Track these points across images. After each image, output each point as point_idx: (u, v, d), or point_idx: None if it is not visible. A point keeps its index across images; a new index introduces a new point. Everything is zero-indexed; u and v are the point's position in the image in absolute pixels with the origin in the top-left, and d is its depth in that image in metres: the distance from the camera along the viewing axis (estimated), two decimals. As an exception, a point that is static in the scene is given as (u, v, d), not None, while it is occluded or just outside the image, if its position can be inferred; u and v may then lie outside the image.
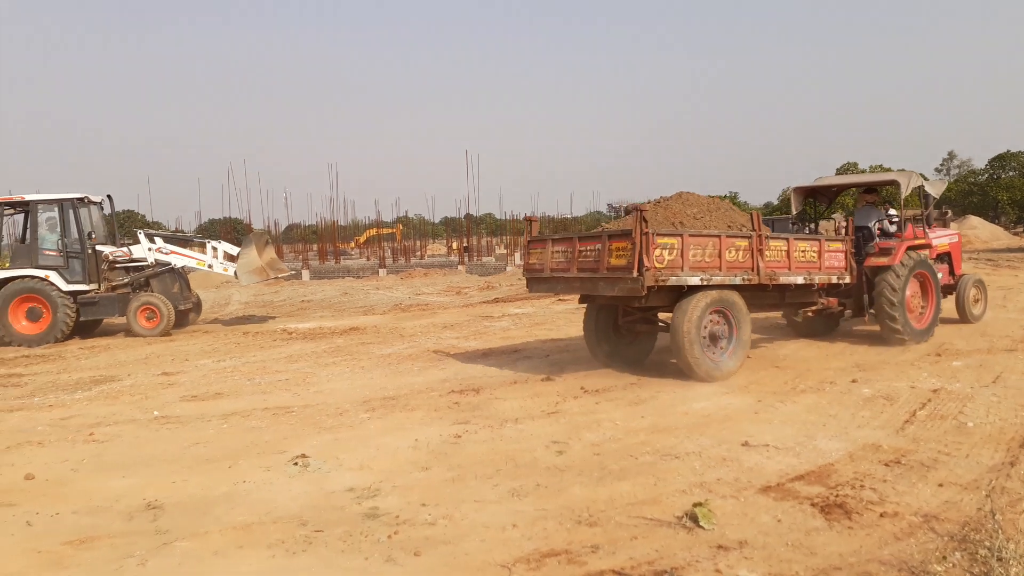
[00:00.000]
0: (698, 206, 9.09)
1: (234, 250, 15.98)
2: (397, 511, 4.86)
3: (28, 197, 14.85)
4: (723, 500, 4.85)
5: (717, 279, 8.37)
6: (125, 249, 15.57)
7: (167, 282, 15.61)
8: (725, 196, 62.90)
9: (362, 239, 49.94)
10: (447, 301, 20.30)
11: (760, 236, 8.68)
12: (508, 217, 50.59)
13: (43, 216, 14.87)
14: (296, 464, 5.85)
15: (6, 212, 15.10)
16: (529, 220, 9.73)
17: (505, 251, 42.55)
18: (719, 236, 8.37)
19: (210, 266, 15.72)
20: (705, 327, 8.42)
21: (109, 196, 16.03)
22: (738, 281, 8.53)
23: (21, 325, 14.38)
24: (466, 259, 36.73)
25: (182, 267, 15.88)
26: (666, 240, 8.01)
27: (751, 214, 9.08)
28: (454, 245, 45.20)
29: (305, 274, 30.70)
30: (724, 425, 6.67)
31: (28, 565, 4.25)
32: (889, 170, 45.79)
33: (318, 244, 38.28)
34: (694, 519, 4.48)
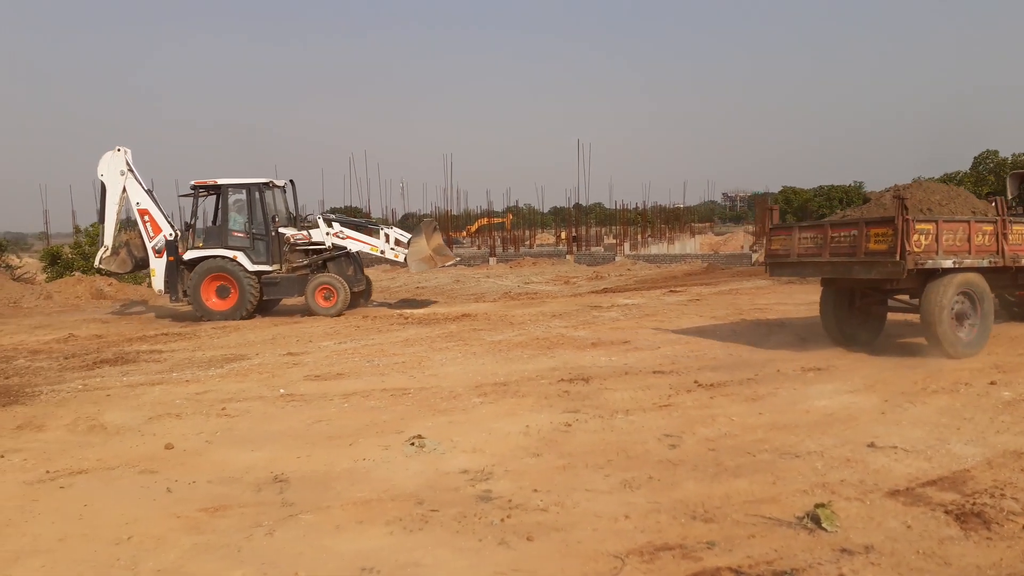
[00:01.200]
0: (940, 193, 9.63)
1: (405, 237, 16.69)
2: (509, 495, 4.91)
3: (220, 181, 15.74)
4: (847, 502, 4.63)
5: (967, 262, 8.92)
6: (305, 232, 16.26)
7: (342, 265, 16.40)
8: (850, 185, 59.92)
9: (473, 228, 50.70)
10: (555, 290, 20.33)
11: (1005, 221, 9.15)
12: (618, 207, 50.02)
13: (232, 199, 15.82)
14: (413, 444, 6.00)
15: (200, 194, 16.04)
16: (770, 209, 10.24)
17: (614, 240, 42.13)
18: (968, 222, 8.93)
19: (383, 252, 16.48)
20: (953, 307, 8.98)
21: (291, 181, 16.65)
22: (985, 264, 9.06)
23: (211, 301, 15.65)
24: (574, 248, 36.62)
25: (357, 251, 16.71)
26: (923, 226, 8.62)
27: (995, 200, 9.48)
28: (562, 235, 45.21)
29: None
30: (848, 425, 6.37)
31: (170, 528, 4.56)
32: None
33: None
34: (816, 520, 4.30)
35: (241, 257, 15.63)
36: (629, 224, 45.01)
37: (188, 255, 15.71)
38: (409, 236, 16.48)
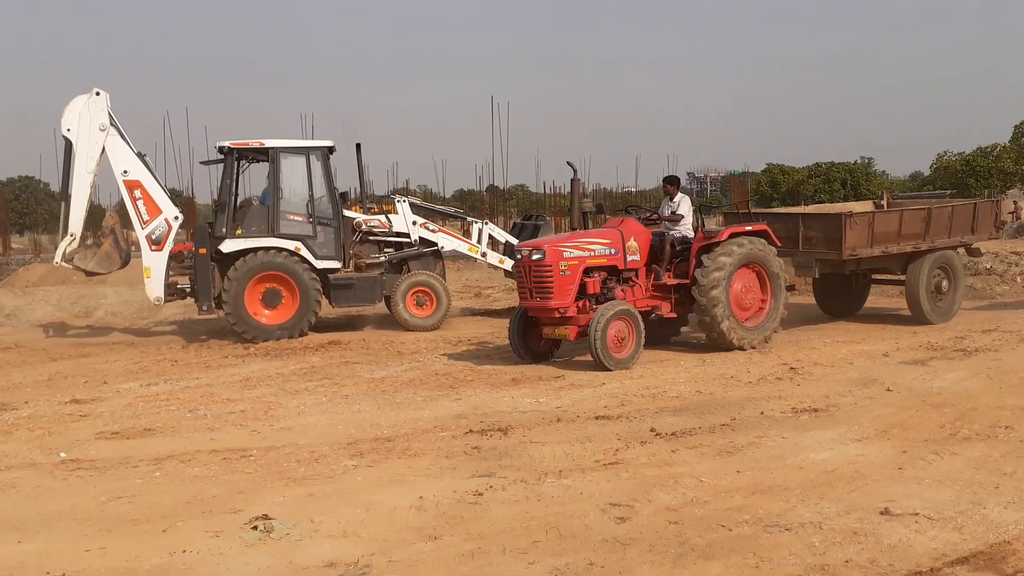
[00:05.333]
0: None
1: (502, 235, 17.12)
2: (395, 596, 4.87)
3: (268, 143, 15.58)
4: (854, 590, 4.79)
5: None
6: (383, 218, 16.27)
7: (429, 266, 16.38)
8: (856, 163, 62.39)
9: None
10: (462, 306, 20.33)
11: None
12: (548, 191, 50.32)
13: (287, 168, 15.69)
14: (256, 528, 5.89)
15: (234, 161, 15.74)
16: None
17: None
18: None
19: (484, 255, 16.82)
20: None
21: (358, 145, 16.53)
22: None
23: (262, 314, 15.12)
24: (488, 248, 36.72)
25: (451, 250, 16.95)
26: None
27: None
28: (474, 228, 45.18)
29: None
30: (855, 484, 6.59)
31: None
32: None
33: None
34: (813, 616, 4.43)
35: (303, 250, 15.35)
36: (564, 213, 45.47)
37: (227, 247, 15.26)
38: (506, 236, 17.23)
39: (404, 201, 16.69)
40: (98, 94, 15.45)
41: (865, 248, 14.11)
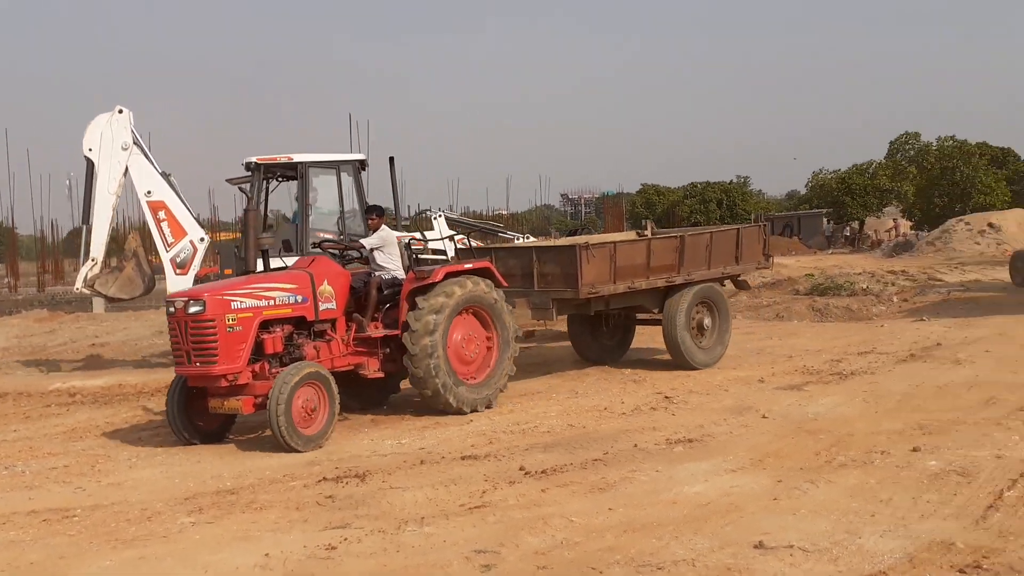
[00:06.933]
0: None
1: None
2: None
3: (297, 158, 15.29)
4: (728, 631, 4.88)
5: None
6: (417, 235, 15.96)
7: None
8: (732, 182, 64.48)
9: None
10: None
11: None
12: (410, 213, 50.32)
13: (317, 185, 15.47)
14: (78, 598, 5.68)
15: (262, 178, 15.44)
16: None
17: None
18: None
19: None
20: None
21: (391, 159, 16.40)
22: None
23: None
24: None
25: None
26: None
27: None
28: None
29: (99, 304, 29.89)
30: (729, 518, 6.74)
31: None
32: None
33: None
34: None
35: None
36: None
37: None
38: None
39: (440, 216, 16.85)
40: (120, 112, 15.51)
41: (607, 284, 12.97)
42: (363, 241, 12.08)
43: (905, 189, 57.71)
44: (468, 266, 11.76)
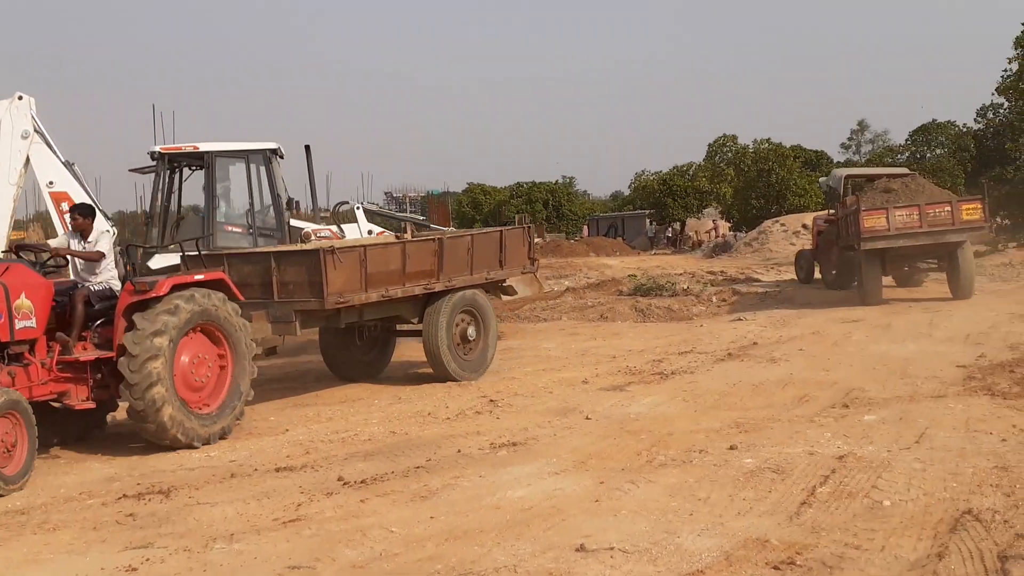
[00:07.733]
0: None
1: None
2: None
3: (203, 147, 15.13)
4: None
5: None
6: (335, 229, 15.85)
7: None
8: (557, 182, 65.62)
9: None
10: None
11: None
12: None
13: (224, 175, 15.30)
14: None
15: (167, 169, 15.16)
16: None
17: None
18: None
19: None
20: None
21: (307, 147, 16.20)
22: None
23: None
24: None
25: None
26: None
27: None
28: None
29: None
30: (551, 521, 6.82)
31: None
32: None
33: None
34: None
35: None
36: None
37: (155, 262, 14.12)
38: None
39: (360, 207, 16.58)
40: (20, 98, 14.59)
41: (358, 293, 12.03)
42: (72, 244, 10.39)
43: (724, 191, 59.95)
44: (199, 277, 10.38)
